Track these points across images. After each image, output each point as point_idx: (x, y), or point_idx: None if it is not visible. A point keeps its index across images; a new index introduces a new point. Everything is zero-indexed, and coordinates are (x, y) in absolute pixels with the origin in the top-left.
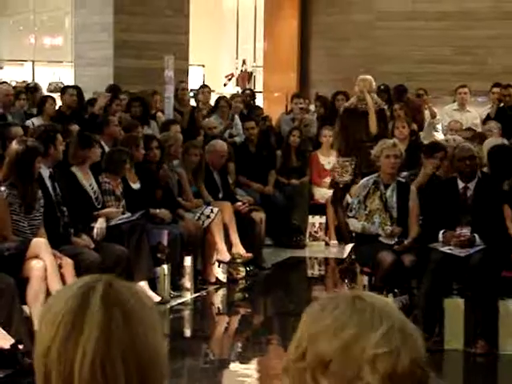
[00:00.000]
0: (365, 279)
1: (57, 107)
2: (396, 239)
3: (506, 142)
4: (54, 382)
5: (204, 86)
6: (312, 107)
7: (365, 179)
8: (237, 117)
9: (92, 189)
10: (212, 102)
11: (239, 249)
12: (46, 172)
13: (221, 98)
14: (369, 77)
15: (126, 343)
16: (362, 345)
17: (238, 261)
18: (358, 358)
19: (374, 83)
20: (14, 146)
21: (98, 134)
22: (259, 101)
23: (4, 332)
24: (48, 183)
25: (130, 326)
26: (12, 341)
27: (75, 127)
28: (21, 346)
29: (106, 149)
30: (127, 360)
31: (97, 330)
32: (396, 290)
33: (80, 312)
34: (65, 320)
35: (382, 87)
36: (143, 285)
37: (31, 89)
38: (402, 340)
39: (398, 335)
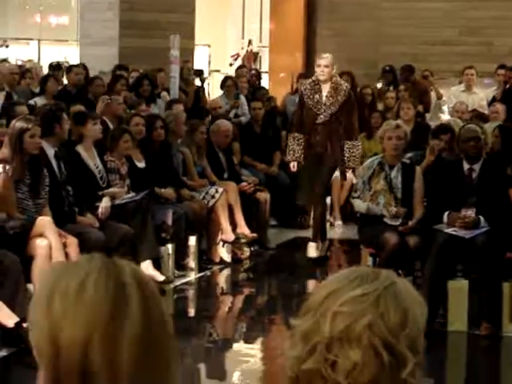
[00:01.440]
0: (369, 260)
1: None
2: (400, 220)
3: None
4: (97, 366)
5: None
6: None
7: (369, 160)
8: (242, 97)
9: (97, 168)
10: (218, 82)
11: (244, 229)
12: (51, 151)
13: (227, 78)
14: None
15: (155, 317)
16: (331, 301)
17: (243, 241)
18: (324, 311)
19: None
20: (13, 124)
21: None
22: (265, 81)
23: (9, 310)
24: (53, 162)
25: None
26: (16, 319)
27: (78, 107)
28: (25, 325)
29: (112, 128)
30: (159, 331)
31: (139, 308)
32: (400, 272)
33: (120, 290)
34: (108, 299)
35: (388, 68)
36: (148, 264)
37: (54, 67)
38: (371, 305)
39: (369, 301)
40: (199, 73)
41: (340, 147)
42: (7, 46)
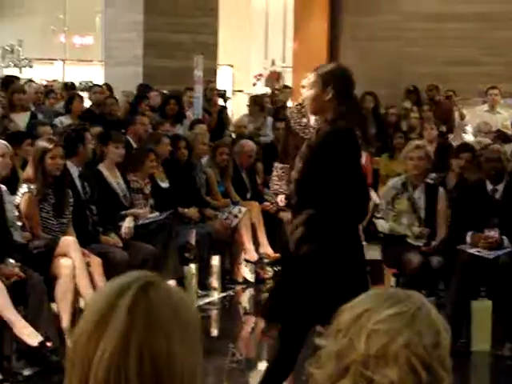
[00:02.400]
0: (392, 280)
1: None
2: (424, 241)
3: None
4: (74, 377)
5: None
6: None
7: (393, 180)
8: (269, 117)
9: (119, 187)
10: (241, 103)
11: (267, 249)
12: (75, 171)
13: (252, 98)
14: None
15: (145, 355)
16: (364, 320)
17: (266, 261)
18: (359, 330)
19: None
20: (36, 144)
21: (123, 133)
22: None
23: (33, 329)
24: (77, 182)
25: (152, 337)
26: (40, 338)
27: (98, 129)
28: (49, 344)
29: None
30: (143, 370)
31: (117, 333)
32: (423, 292)
33: (107, 313)
34: (92, 318)
35: (411, 88)
36: (172, 284)
37: (69, 87)
38: (407, 324)
39: (405, 319)
40: (222, 93)
41: None
42: (31, 66)
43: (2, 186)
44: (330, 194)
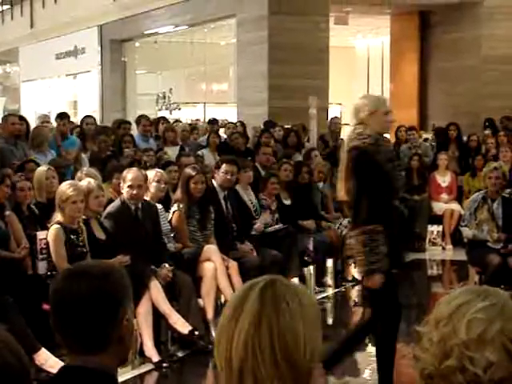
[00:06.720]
0: (476, 277)
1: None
2: (502, 244)
3: None
4: (220, 352)
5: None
6: (430, 136)
7: (475, 195)
8: None
9: (251, 203)
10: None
11: None
12: (221, 194)
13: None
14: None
15: (274, 331)
16: (464, 310)
17: None
18: (459, 319)
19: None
20: (184, 171)
21: (252, 161)
22: None
23: (183, 320)
24: (223, 203)
25: (279, 315)
26: (190, 327)
27: (227, 158)
28: (196, 332)
29: (262, 172)
30: (273, 343)
31: (250, 317)
32: (502, 287)
33: (242, 300)
34: (230, 306)
35: (489, 119)
36: (295, 281)
37: (211, 122)
38: (499, 313)
39: (497, 310)
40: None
41: None
42: (179, 109)
43: (158, 204)
44: None
